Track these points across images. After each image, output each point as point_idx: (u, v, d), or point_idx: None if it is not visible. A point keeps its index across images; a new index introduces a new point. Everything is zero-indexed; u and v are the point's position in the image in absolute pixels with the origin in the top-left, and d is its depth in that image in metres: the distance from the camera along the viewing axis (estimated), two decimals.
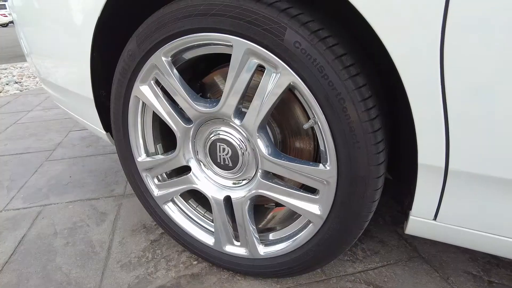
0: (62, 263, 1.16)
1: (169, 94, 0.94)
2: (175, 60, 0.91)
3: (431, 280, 1.03)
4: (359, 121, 0.71)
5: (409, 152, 0.83)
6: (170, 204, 1.13)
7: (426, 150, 0.68)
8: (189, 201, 1.15)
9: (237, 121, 0.87)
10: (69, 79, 1.19)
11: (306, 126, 0.80)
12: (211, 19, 0.77)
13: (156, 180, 1.11)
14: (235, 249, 1.04)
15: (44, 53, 1.28)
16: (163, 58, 0.88)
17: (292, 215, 1.04)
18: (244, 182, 0.96)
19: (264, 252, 0.98)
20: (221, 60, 1.02)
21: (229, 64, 1.00)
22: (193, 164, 1.03)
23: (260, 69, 0.79)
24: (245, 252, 1.02)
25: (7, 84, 4.06)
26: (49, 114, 2.89)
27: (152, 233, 1.30)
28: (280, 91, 0.77)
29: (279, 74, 0.75)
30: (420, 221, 0.80)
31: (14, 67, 5.36)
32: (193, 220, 1.13)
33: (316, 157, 0.98)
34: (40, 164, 1.92)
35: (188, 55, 0.92)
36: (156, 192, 1.11)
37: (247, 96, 0.86)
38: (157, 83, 0.95)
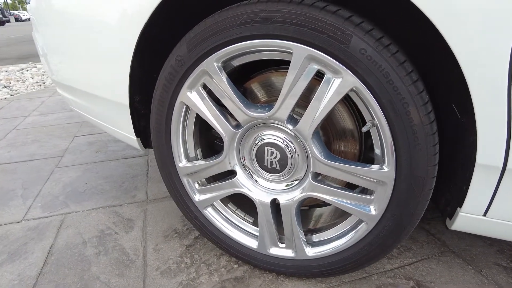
0: (98, 273, 1.14)
1: (217, 100, 0.95)
2: (224, 66, 0.92)
3: (466, 273, 1.08)
4: (421, 124, 0.75)
5: (454, 153, 0.87)
6: (210, 208, 1.13)
7: (486, 151, 0.72)
8: (228, 204, 1.16)
9: (290, 126, 0.89)
10: (102, 84, 1.17)
11: (364, 129, 0.83)
12: (273, 26, 0.79)
13: (197, 185, 1.11)
14: (280, 251, 1.05)
15: (70, 56, 1.25)
16: (215, 64, 0.89)
17: (340, 215, 1.07)
18: (293, 185, 0.98)
19: (312, 253, 1.00)
20: (258, 66, 1.03)
21: (268, 70, 1.04)
22: (238, 168, 1.04)
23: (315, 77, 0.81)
24: (292, 254, 1.04)
25: None
26: (48, 119, 2.80)
27: (185, 238, 1.29)
28: (340, 96, 0.79)
29: (340, 79, 0.78)
30: (469, 217, 0.84)
31: None
32: (234, 223, 1.14)
33: (359, 159, 1.01)
34: (51, 171, 1.86)
35: (237, 61, 0.93)
36: (197, 197, 1.11)
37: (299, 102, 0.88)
38: (204, 88, 0.96)
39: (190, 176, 1.10)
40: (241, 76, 1.07)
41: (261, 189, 1.03)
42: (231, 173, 1.19)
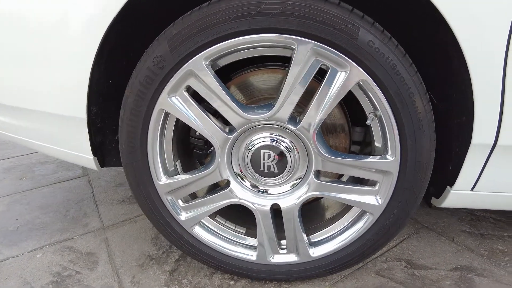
0: None
1: (203, 104, 0.85)
2: (212, 66, 0.82)
3: (443, 244, 1.19)
4: (424, 112, 0.77)
5: (446, 136, 0.93)
6: (198, 227, 1.01)
7: (481, 131, 0.78)
8: (216, 218, 1.06)
9: (291, 125, 0.84)
10: (47, 96, 0.94)
11: (369, 121, 0.83)
12: (275, 19, 0.72)
13: (180, 203, 0.98)
14: (282, 257, 1.00)
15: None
16: (204, 63, 0.79)
17: (335, 209, 1.06)
18: (296, 185, 0.94)
19: (316, 254, 0.98)
20: (235, 65, 0.96)
21: (249, 69, 0.97)
22: (232, 177, 0.95)
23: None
24: (295, 258, 0.99)
25: None
26: None
27: (165, 263, 1.14)
28: (346, 90, 0.78)
29: (346, 73, 0.76)
30: (459, 194, 0.91)
31: None
32: (226, 238, 1.04)
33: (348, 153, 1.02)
34: None
35: (226, 60, 0.84)
36: (182, 215, 0.98)
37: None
38: (188, 92, 0.85)
39: (173, 194, 0.97)
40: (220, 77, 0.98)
41: (259, 196, 0.95)
42: (216, 186, 1.09)
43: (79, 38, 0.81)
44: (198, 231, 1.01)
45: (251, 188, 0.95)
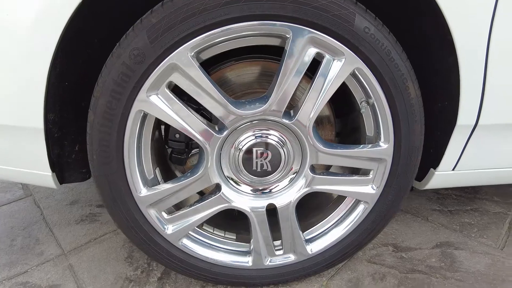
0: None
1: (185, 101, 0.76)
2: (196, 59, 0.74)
3: (420, 225, 1.25)
4: (416, 97, 0.79)
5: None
6: (185, 239, 0.92)
7: (465, 112, 0.82)
8: (203, 227, 0.97)
9: (286, 119, 0.79)
10: None
11: (363, 110, 0.82)
12: (268, 4, 0.67)
13: (165, 215, 0.88)
14: (279, 259, 0.95)
15: None
16: (189, 55, 0.70)
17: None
18: (290, 183, 0.89)
19: (314, 250, 0.95)
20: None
21: (229, 63, 0.91)
22: (222, 180, 0.87)
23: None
24: (293, 257, 0.95)
25: None
26: None
27: (147, 284, 1.02)
28: (342, 79, 0.75)
29: (341, 61, 0.74)
30: (442, 175, 0.95)
31: None
32: (217, 247, 0.96)
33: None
34: None
35: (210, 52, 0.77)
36: (168, 229, 0.88)
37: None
38: (169, 89, 0.75)
39: (156, 206, 0.86)
40: None
41: (253, 197, 0.89)
42: (201, 193, 1.00)
43: (36, 33, 0.67)
44: (186, 244, 0.92)
45: (244, 190, 0.89)
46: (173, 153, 0.93)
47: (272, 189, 0.90)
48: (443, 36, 0.74)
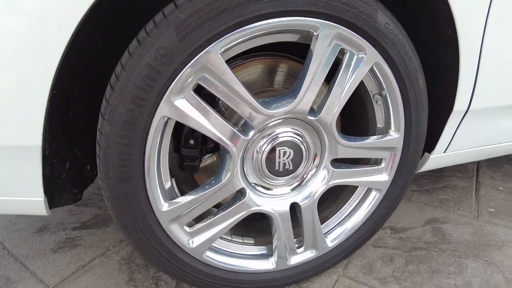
0: None
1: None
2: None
3: (406, 206, 1.36)
4: (424, 88, 0.85)
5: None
6: (208, 251, 0.86)
7: (461, 99, 0.91)
8: (222, 236, 0.92)
9: (311, 116, 0.79)
10: None
11: (379, 102, 0.85)
12: (302, 0, 0.66)
13: (187, 228, 0.81)
14: (301, 256, 0.95)
15: None
16: (219, 54, 0.66)
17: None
18: (313, 178, 0.89)
19: (332, 243, 0.97)
20: None
21: (248, 59, 0.88)
22: (246, 185, 0.83)
23: None
24: (314, 253, 0.96)
25: None
26: None
27: None
28: (364, 74, 0.78)
29: (362, 56, 0.76)
30: (435, 157, 1.05)
31: None
32: (238, 254, 0.92)
33: None
34: None
35: (236, 50, 0.73)
36: (191, 243, 0.82)
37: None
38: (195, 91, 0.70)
39: (178, 220, 0.79)
40: None
41: (278, 198, 0.88)
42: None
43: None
44: (211, 256, 0.86)
45: (270, 192, 0.87)
46: (184, 160, 0.87)
47: (296, 187, 0.89)
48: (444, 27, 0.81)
